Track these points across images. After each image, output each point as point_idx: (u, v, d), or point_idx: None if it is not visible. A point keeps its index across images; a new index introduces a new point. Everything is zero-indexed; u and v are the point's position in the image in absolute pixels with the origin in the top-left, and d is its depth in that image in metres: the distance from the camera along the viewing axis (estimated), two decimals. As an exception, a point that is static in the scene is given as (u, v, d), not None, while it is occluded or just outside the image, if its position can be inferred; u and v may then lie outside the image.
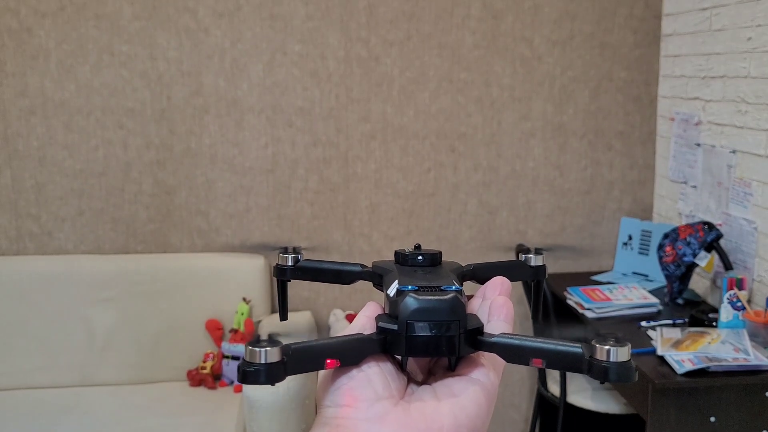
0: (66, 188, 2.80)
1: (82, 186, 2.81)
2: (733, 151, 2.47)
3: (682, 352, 2.07)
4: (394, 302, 0.43)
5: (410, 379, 0.43)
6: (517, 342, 0.41)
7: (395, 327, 0.42)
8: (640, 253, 2.91)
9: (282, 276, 0.57)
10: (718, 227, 2.48)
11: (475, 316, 0.44)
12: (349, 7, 2.80)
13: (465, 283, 0.50)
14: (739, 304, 2.22)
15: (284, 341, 0.39)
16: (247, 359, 0.39)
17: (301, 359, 0.39)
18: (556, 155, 2.98)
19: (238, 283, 2.79)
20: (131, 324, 2.73)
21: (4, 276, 2.70)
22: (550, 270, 2.95)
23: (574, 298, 2.55)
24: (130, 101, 2.77)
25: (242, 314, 2.75)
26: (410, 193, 2.95)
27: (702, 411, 1.98)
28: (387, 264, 0.51)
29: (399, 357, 0.43)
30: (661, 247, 2.55)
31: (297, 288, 2.97)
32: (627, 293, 2.56)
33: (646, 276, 2.84)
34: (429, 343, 0.41)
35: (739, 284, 2.24)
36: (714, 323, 2.27)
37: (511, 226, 2.99)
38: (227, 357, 2.72)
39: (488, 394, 0.41)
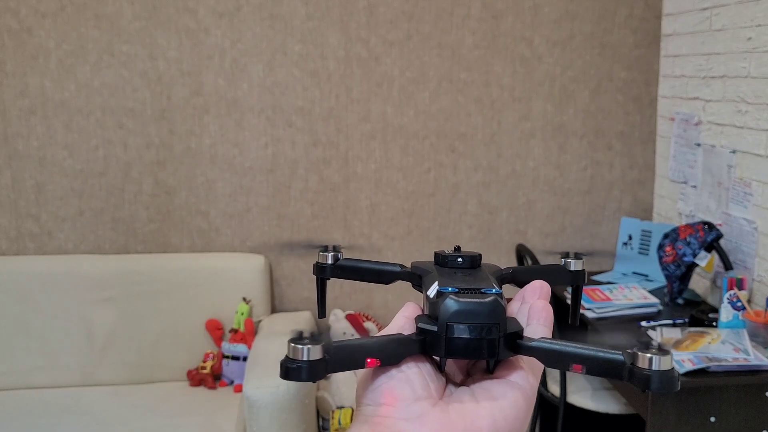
0: (66, 188, 2.80)
1: (82, 186, 2.81)
2: (733, 151, 2.47)
3: (682, 352, 2.07)
4: (434, 303, 0.43)
5: (448, 380, 0.43)
6: (557, 347, 0.42)
7: (435, 328, 0.42)
8: (640, 253, 2.91)
9: (322, 274, 0.57)
10: (718, 227, 2.48)
11: (514, 320, 0.44)
12: (349, 7, 2.80)
13: (504, 287, 0.50)
14: (739, 304, 2.22)
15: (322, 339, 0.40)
16: (290, 356, 0.39)
17: (342, 358, 0.40)
18: (556, 155, 2.98)
19: (238, 283, 2.79)
20: (131, 324, 2.73)
21: (4, 276, 2.70)
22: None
23: (574, 298, 2.55)
24: (130, 101, 2.77)
25: (242, 314, 2.75)
26: (410, 193, 2.95)
27: (702, 411, 1.98)
28: (426, 265, 0.51)
29: (437, 358, 0.44)
30: (661, 247, 2.55)
31: (297, 288, 2.97)
32: (627, 293, 2.56)
33: (646, 276, 2.84)
34: (468, 346, 0.41)
35: (739, 284, 2.24)
36: (714, 323, 2.27)
37: (511, 226, 2.99)
38: (227, 357, 2.72)
39: (527, 397, 0.41)
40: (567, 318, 2.15)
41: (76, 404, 2.56)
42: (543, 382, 2.75)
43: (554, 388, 2.66)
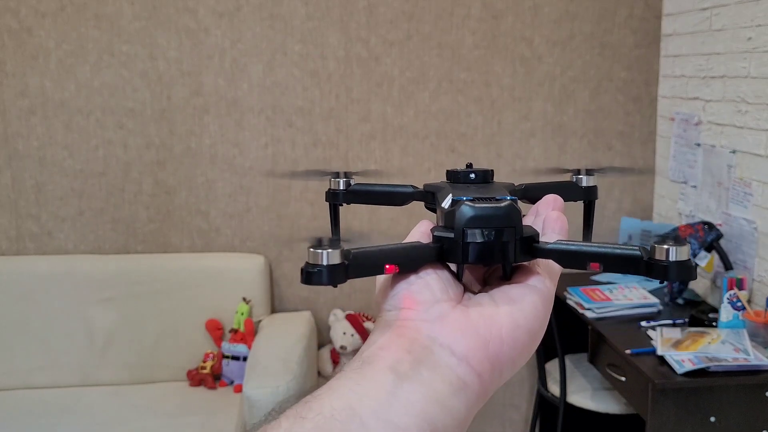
0: (66, 188, 2.80)
1: (82, 186, 2.81)
2: (733, 151, 2.47)
3: (682, 352, 2.07)
4: (449, 213, 0.43)
5: (466, 289, 0.44)
6: (574, 247, 0.43)
7: (451, 235, 0.42)
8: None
9: (334, 200, 0.58)
10: (718, 227, 2.48)
11: (529, 226, 0.44)
12: (349, 7, 2.80)
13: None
14: (739, 304, 2.22)
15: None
16: (310, 261, 0.40)
17: (361, 263, 0.40)
18: (556, 155, 2.98)
19: (238, 283, 2.79)
20: (131, 324, 2.73)
21: (4, 276, 2.70)
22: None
23: (574, 298, 2.55)
24: (130, 101, 2.77)
25: (242, 314, 2.75)
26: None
27: (702, 411, 1.98)
28: (439, 183, 0.51)
29: (454, 268, 0.44)
30: (661, 247, 2.54)
31: (297, 288, 2.97)
32: (627, 293, 2.56)
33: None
34: (485, 250, 0.42)
35: (739, 284, 2.24)
36: (714, 323, 2.27)
37: (511, 226, 2.99)
38: (227, 357, 2.72)
39: (545, 299, 0.42)
40: (570, 315, 2.15)
41: (76, 404, 2.56)
42: (543, 383, 2.75)
43: (554, 388, 2.66)
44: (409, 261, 0.42)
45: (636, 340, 2.22)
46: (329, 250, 0.39)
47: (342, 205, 0.59)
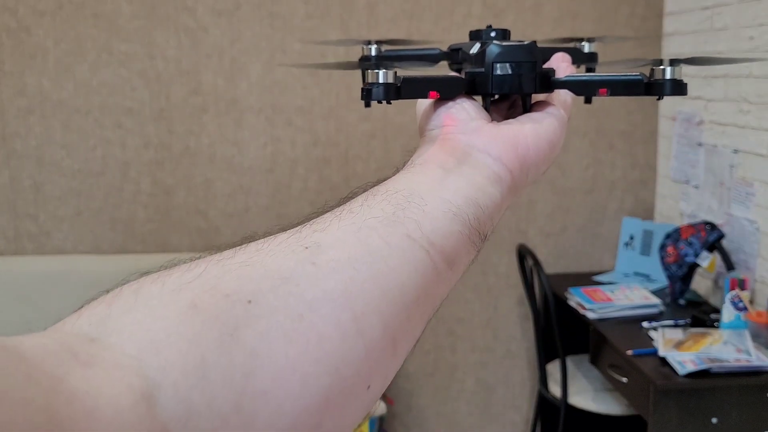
0: (64, 188, 2.79)
1: (80, 186, 2.79)
2: (735, 151, 2.46)
3: (684, 353, 2.06)
4: (479, 53, 0.50)
5: (493, 120, 0.50)
6: (585, 78, 0.51)
7: (482, 69, 0.49)
8: (642, 253, 2.89)
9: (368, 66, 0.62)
10: (720, 227, 2.47)
11: (547, 67, 0.52)
12: (349, 5, 2.79)
13: None
14: (741, 304, 2.21)
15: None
16: (368, 80, 0.47)
17: (410, 86, 0.48)
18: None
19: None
20: (130, 324, 2.72)
21: (2, 276, 2.69)
22: (551, 270, 2.93)
23: (575, 298, 2.54)
24: (129, 100, 2.76)
25: (241, 314, 2.73)
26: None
27: (704, 412, 1.97)
28: (464, 42, 0.57)
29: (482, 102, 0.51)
30: (662, 247, 2.54)
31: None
32: (628, 294, 2.54)
33: (648, 276, 2.82)
34: (511, 81, 0.49)
35: (741, 285, 2.23)
36: (716, 324, 2.26)
37: (512, 225, 2.98)
38: (226, 357, 2.71)
39: (561, 122, 0.50)
40: (571, 315, 2.14)
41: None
42: (544, 384, 2.73)
43: (555, 390, 2.65)
44: (448, 89, 0.49)
45: (637, 340, 2.21)
46: (385, 71, 0.47)
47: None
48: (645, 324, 2.33)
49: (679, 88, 0.48)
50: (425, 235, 0.39)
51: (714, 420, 1.97)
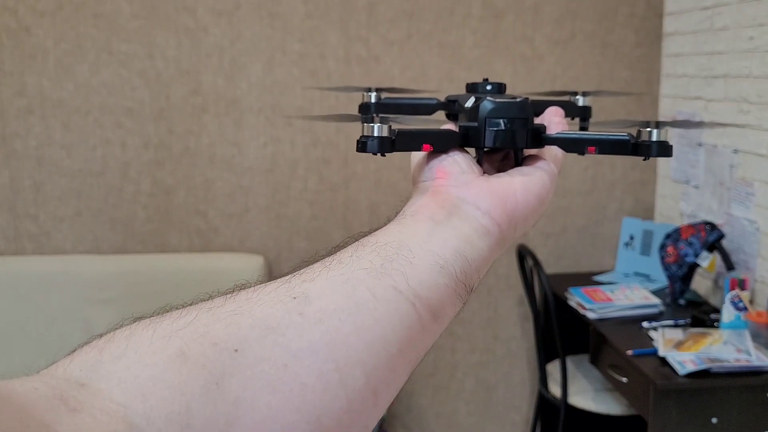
0: (64, 188, 2.79)
1: (80, 186, 2.79)
2: (735, 151, 2.46)
3: (684, 353, 2.06)
4: (473, 107, 0.52)
5: (485, 173, 0.52)
6: (575, 136, 0.53)
7: (475, 124, 0.51)
8: (642, 253, 2.89)
9: (366, 112, 0.64)
10: (720, 227, 2.47)
11: (538, 123, 0.54)
12: (349, 6, 2.79)
13: None
14: (741, 304, 2.21)
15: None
16: (364, 133, 0.49)
17: (404, 139, 0.49)
18: (557, 155, 2.96)
19: (237, 283, 2.77)
20: (130, 324, 2.72)
21: (2, 276, 2.69)
22: (551, 270, 2.93)
23: (575, 298, 2.54)
24: (129, 100, 2.76)
25: (241, 315, 2.73)
26: (411, 193, 2.93)
27: (704, 412, 1.97)
28: (459, 94, 0.61)
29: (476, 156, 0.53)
30: (662, 247, 2.54)
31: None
32: (628, 294, 2.54)
33: (648, 276, 2.82)
34: (503, 136, 0.51)
35: (741, 285, 2.23)
36: (716, 324, 2.26)
37: (512, 226, 2.98)
38: (226, 358, 2.71)
39: (551, 176, 0.52)
40: (571, 315, 2.14)
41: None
42: (544, 384, 2.73)
43: (555, 390, 2.65)
44: (441, 142, 0.51)
45: (637, 341, 2.21)
46: (379, 124, 0.48)
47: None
48: (645, 324, 2.33)
49: (664, 150, 0.49)
50: (412, 287, 0.40)
51: (714, 420, 1.97)
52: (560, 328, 2.54)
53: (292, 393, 0.33)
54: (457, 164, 0.50)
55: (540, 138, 0.53)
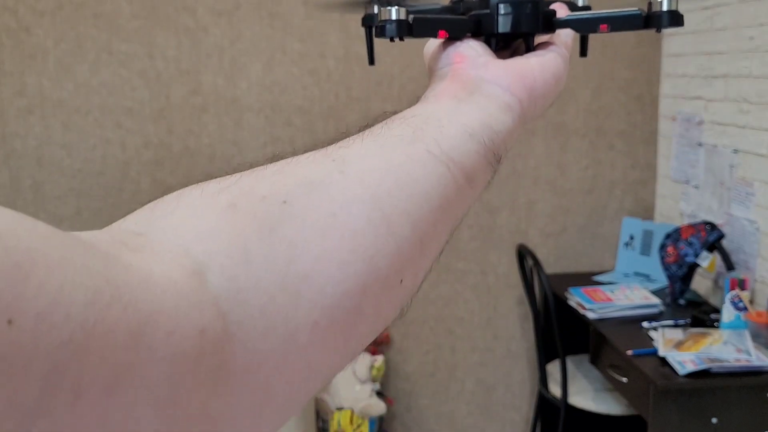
0: (64, 188, 2.79)
1: (80, 185, 2.79)
2: (735, 151, 2.46)
3: (684, 353, 2.06)
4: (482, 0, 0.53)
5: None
6: (586, 15, 0.53)
7: (487, 10, 0.52)
8: (642, 253, 2.89)
9: (370, 22, 0.63)
10: (720, 227, 2.47)
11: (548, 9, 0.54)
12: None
13: None
14: (741, 304, 2.21)
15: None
16: (382, 17, 0.50)
17: (420, 25, 0.50)
18: (557, 154, 2.96)
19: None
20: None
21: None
22: (551, 270, 2.93)
23: (575, 298, 2.54)
24: (129, 100, 2.76)
25: (241, 314, 2.73)
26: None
27: (704, 412, 1.97)
28: None
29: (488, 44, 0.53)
30: (662, 247, 2.53)
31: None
32: (628, 294, 2.54)
33: (648, 276, 2.82)
34: (515, 20, 0.51)
35: (741, 285, 2.23)
36: (716, 324, 2.26)
37: (512, 225, 2.98)
38: (226, 357, 2.71)
39: (564, 58, 0.52)
40: (571, 315, 2.13)
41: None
42: (544, 384, 2.73)
43: (555, 390, 2.65)
44: (456, 29, 0.52)
45: (637, 341, 2.21)
46: (397, 7, 0.49)
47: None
48: (645, 324, 2.33)
49: (676, 19, 0.49)
50: (444, 152, 0.42)
51: (714, 420, 1.97)
52: (560, 328, 2.54)
53: (344, 237, 0.34)
54: (473, 49, 0.50)
55: (551, 22, 0.53)
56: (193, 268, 0.28)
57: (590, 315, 2.42)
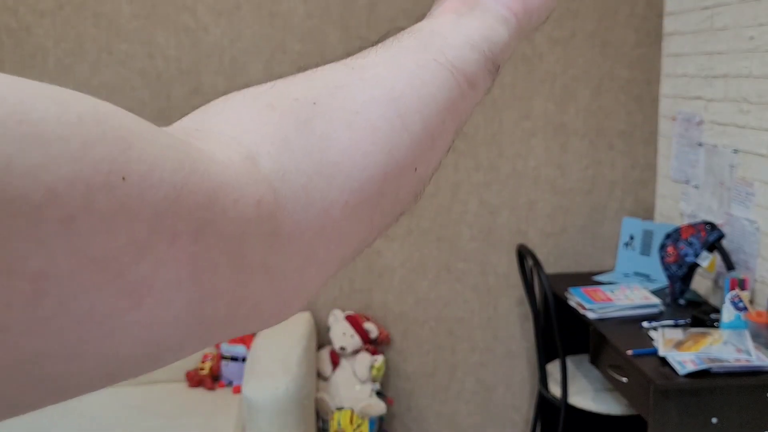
0: (64, 188, 2.79)
1: (80, 185, 2.79)
2: (735, 151, 2.46)
3: (684, 352, 2.06)
4: None
5: None
6: None
7: None
8: (642, 253, 2.89)
9: None
10: (720, 227, 2.47)
11: None
12: (349, 5, 2.79)
13: None
14: (741, 304, 2.21)
15: None
16: None
17: None
18: (557, 155, 2.96)
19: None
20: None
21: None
22: (551, 270, 2.93)
23: (575, 298, 2.54)
24: (129, 100, 2.76)
25: (241, 314, 2.73)
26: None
27: (704, 412, 1.97)
28: None
29: None
30: (662, 247, 2.54)
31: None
32: (628, 293, 2.54)
33: (648, 276, 2.82)
34: None
35: (741, 285, 2.23)
36: (716, 324, 2.26)
37: (512, 225, 2.98)
38: (226, 358, 2.71)
39: None
40: (571, 315, 2.14)
41: (75, 405, 2.54)
42: (544, 384, 2.73)
43: (555, 390, 2.65)
44: None
45: (637, 340, 2.21)
46: None
47: None
48: (645, 324, 2.33)
49: None
50: (449, 60, 0.47)
51: (714, 420, 1.97)
52: (560, 328, 2.54)
53: (366, 131, 0.40)
54: None
55: None
56: (247, 153, 0.34)
57: (590, 315, 2.42)
